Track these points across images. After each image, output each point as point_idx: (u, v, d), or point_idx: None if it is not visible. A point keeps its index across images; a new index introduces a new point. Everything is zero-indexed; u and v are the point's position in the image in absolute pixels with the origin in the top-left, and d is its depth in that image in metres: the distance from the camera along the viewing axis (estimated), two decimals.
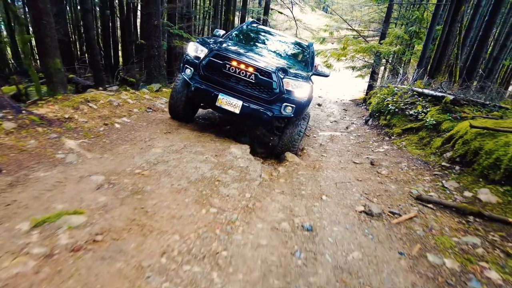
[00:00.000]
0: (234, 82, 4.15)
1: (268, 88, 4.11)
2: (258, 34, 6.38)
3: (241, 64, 4.04)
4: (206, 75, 4.22)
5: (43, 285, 1.49)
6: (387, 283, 1.90)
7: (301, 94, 4.20)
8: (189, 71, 4.33)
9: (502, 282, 1.95)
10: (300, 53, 6.13)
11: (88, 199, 2.33)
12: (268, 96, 4.13)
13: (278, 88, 4.08)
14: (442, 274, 2.03)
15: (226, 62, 4.07)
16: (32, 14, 4.42)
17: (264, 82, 4.08)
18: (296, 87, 4.17)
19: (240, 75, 4.09)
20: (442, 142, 4.90)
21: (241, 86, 4.15)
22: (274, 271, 1.90)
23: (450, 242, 2.39)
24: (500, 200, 2.95)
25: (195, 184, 2.83)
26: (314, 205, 2.91)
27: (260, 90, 4.15)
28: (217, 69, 4.15)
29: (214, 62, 4.13)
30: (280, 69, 4.17)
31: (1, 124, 3.13)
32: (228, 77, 4.15)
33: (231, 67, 4.07)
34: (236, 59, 4.08)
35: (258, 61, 4.23)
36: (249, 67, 4.04)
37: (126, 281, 1.62)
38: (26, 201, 2.22)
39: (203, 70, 4.21)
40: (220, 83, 4.18)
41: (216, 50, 4.18)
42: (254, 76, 4.05)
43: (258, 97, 4.15)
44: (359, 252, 2.20)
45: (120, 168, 2.96)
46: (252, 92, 4.14)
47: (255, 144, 5.08)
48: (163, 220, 2.19)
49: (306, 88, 4.24)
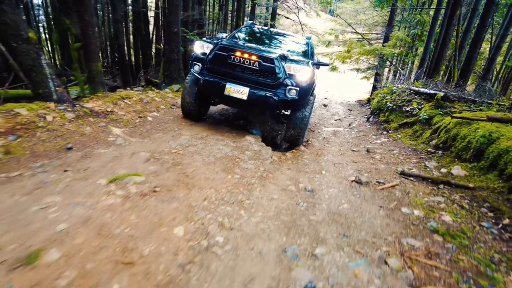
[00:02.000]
0: (240, 71, 4.42)
1: (271, 73, 4.36)
2: (258, 33, 6.70)
3: (245, 54, 4.32)
4: (213, 68, 4.51)
5: (129, 211, 2.23)
6: (367, 222, 2.60)
7: (303, 77, 4.42)
8: (197, 67, 4.62)
9: (452, 222, 2.63)
10: (299, 45, 6.37)
11: (141, 168, 3.08)
12: (272, 81, 4.37)
13: (280, 72, 4.33)
14: (410, 219, 2.72)
15: (231, 53, 4.36)
16: (80, 26, 5.27)
17: (268, 68, 4.33)
18: (298, 71, 4.41)
19: (244, 64, 4.35)
20: (430, 133, 5.56)
21: (246, 74, 4.41)
22: (284, 212, 2.62)
23: (421, 201, 3.08)
24: (467, 173, 3.62)
25: (221, 160, 3.57)
26: (315, 177, 3.63)
27: (264, 76, 4.39)
28: (223, 60, 4.43)
29: (220, 55, 4.43)
30: (281, 55, 4.48)
31: (65, 114, 3.92)
32: (233, 67, 4.43)
33: (235, 57, 4.35)
34: (240, 49, 4.39)
35: (260, 50, 4.61)
36: (252, 56, 4.32)
37: (182, 213, 2.35)
38: (97, 168, 2.98)
39: (210, 63, 4.51)
40: (227, 73, 4.46)
41: (221, 44, 4.53)
42: (257, 64, 4.31)
43: (263, 83, 4.39)
44: (348, 204, 2.91)
45: (160, 149, 3.71)
46: (257, 78, 4.40)
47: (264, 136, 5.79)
48: (200, 180, 2.93)
49: (307, 71, 4.45)
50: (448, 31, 9.78)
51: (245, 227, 2.30)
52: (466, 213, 2.79)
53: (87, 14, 5.00)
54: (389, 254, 2.14)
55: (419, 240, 2.36)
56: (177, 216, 2.26)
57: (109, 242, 1.84)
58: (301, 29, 19.16)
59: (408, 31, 18.08)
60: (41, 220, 1.93)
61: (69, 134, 3.68)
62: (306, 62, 4.68)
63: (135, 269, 1.69)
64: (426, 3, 17.88)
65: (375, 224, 2.59)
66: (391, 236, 2.40)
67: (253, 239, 2.16)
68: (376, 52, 16.74)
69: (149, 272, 1.69)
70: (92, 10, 5.11)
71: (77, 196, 2.31)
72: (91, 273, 1.60)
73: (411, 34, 17.48)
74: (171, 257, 1.83)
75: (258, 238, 2.18)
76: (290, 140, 4.97)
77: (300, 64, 4.49)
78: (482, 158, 3.64)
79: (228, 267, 1.84)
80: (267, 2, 18.23)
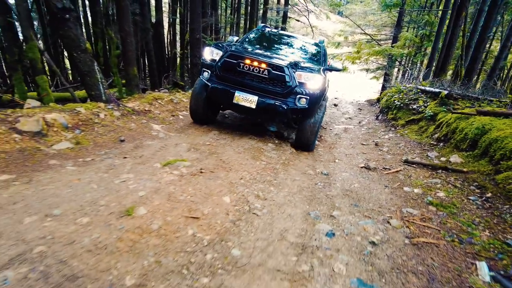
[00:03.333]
0: (249, 79, 4.34)
1: (281, 82, 4.27)
2: (269, 36, 6.53)
3: (254, 62, 4.24)
4: (222, 75, 4.44)
5: (186, 185, 2.85)
6: (374, 197, 3.17)
7: (314, 85, 4.34)
8: (206, 73, 4.58)
9: (445, 197, 3.18)
10: (311, 50, 6.20)
11: (185, 155, 3.71)
12: (282, 90, 4.28)
13: (290, 81, 4.24)
14: (410, 195, 3.28)
15: (240, 61, 4.28)
16: (121, 35, 5.98)
17: (277, 77, 4.24)
18: (308, 79, 4.33)
19: (254, 72, 4.27)
20: (434, 128, 6.07)
21: (255, 83, 4.33)
22: (305, 189, 3.22)
23: (420, 182, 3.63)
24: (463, 160, 4.15)
25: (248, 150, 4.19)
26: (329, 164, 4.21)
27: (274, 85, 4.31)
28: (232, 68, 4.35)
29: (229, 62, 4.36)
30: (291, 63, 4.37)
31: (113, 113, 4.60)
32: (243, 75, 4.35)
33: (245, 65, 4.27)
34: (249, 57, 4.30)
35: (270, 57, 4.47)
36: (262, 64, 4.23)
37: (226, 188, 2.96)
38: (149, 155, 3.62)
39: (220, 70, 4.44)
40: (236, 81, 4.38)
41: (230, 51, 4.42)
42: (267, 72, 4.23)
43: (273, 91, 4.31)
44: (358, 184, 3.48)
45: (196, 141, 4.35)
46: (267, 87, 4.32)
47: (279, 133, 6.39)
48: (235, 165, 3.55)
49: (318, 79, 4.37)
50: (455, 32, 10.18)
51: (275, 198, 2.91)
52: (458, 191, 3.34)
53: (126, 25, 5.70)
54: (391, 218, 2.71)
55: (416, 209, 2.93)
56: (223, 189, 2.88)
57: (177, 205, 2.47)
58: (311, 31, 19.70)
59: (417, 31, 18.44)
60: (125, 189, 2.58)
61: (119, 129, 4.35)
62: (317, 69, 4.59)
63: (200, 221, 2.31)
64: (435, 3, 18.24)
65: (380, 199, 3.16)
66: (393, 207, 2.97)
67: (283, 206, 2.76)
68: (385, 53, 17.18)
69: (211, 224, 2.30)
70: (130, 22, 5.80)
71: (143, 175, 2.95)
72: (171, 222, 2.22)
73: (420, 35, 17.83)
74: (224, 216, 2.45)
75: (286, 206, 2.78)
76: (300, 145, 4.89)
77: (311, 72, 4.42)
78: (476, 147, 4.16)
79: (267, 223, 2.44)
80: (278, 6, 18.84)
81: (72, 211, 2.10)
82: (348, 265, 1.98)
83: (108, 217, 2.12)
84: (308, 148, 4.85)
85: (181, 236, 2.09)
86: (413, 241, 2.36)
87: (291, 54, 5.77)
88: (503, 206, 2.86)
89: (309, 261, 1.97)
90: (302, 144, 4.82)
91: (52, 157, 3.10)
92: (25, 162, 2.88)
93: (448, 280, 1.94)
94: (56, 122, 3.71)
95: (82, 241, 1.82)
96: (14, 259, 1.60)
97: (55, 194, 2.30)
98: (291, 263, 1.95)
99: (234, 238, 2.17)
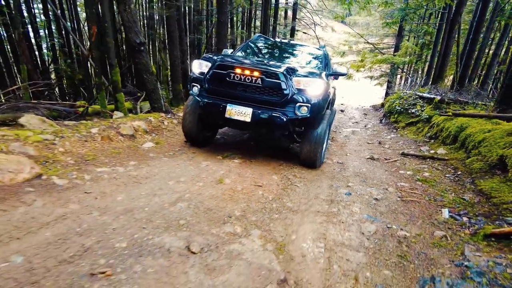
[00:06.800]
0: (242, 90, 4.00)
1: (277, 90, 3.91)
2: (266, 45, 6.28)
3: (246, 70, 3.91)
4: (212, 89, 4.14)
5: (246, 168, 4.12)
6: (377, 177, 4.41)
7: (314, 91, 4.00)
8: (196, 88, 4.24)
9: (429, 176, 4.40)
10: (312, 55, 5.93)
11: (237, 151, 4.99)
12: (279, 99, 3.93)
13: (288, 88, 3.88)
14: (404, 176, 4.51)
15: (230, 71, 3.95)
16: (169, 56, 7.37)
17: (272, 84, 3.89)
18: (308, 85, 3.99)
19: (246, 82, 3.92)
20: (428, 128, 7.29)
21: (249, 93, 3.99)
22: (327, 172, 4.48)
23: (412, 167, 4.86)
24: (447, 152, 5.37)
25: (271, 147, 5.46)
26: (342, 156, 5.48)
27: (270, 94, 3.95)
28: (222, 80, 4.03)
29: (218, 73, 4.03)
30: (288, 69, 4.02)
31: (173, 121, 5.93)
32: (234, 86, 4.02)
33: (235, 75, 3.93)
34: (240, 66, 3.98)
35: (263, 65, 4.13)
36: (254, 72, 3.87)
37: (272, 171, 4.22)
38: (209, 151, 4.91)
39: (209, 84, 4.13)
40: (228, 93, 4.07)
41: (219, 61, 4.10)
42: (260, 80, 3.87)
43: (269, 101, 3.97)
44: (365, 169, 4.73)
45: (236, 139, 5.63)
46: (261, 97, 3.97)
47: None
48: (267, 157, 4.82)
49: (319, 84, 4.04)
50: (449, 43, 11.41)
51: (307, 177, 4.17)
52: (439, 172, 4.57)
53: (175, 50, 7.08)
54: (389, 187, 3.95)
55: (407, 183, 4.16)
56: (270, 171, 4.16)
57: (246, 179, 3.74)
58: (318, 42, 21.09)
59: (417, 40, 19.71)
60: (211, 170, 3.87)
61: (180, 132, 5.66)
62: (318, 74, 4.27)
63: (263, 188, 3.57)
64: (433, 14, 19.52)
65: (382, 178, 4.40)
66: (391, 182, 4.21)
67: (313, 181, 4.02)
68: (387, 61, 18.46)
69: (270, 189, 3.56)
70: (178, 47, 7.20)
71: (215, 162, 4.23)
72: (246, 187, 3.49)
73: (420, 43, 19.09)
74: (276, 186, 3.71)
75: (316, 181, 4.04)
76: (304, 161, 4.49)
77: (310, 77, 4.09)
78: (456, 141, 5.38)
79: (304, 190, 3.69)
80: (286, 21, 20.29)
81: (189, 180, 3.40)
82: (360, 208, 3.23)
83: (211, 183, 3.41)
84: (314, 164, 4.44)
85: (255, 194, 3.36)
86: (403, 199, 3.60)
87: (290, 60, 5.58)
88: (466, 179, 4.09)
89: (336, 207, 3.23)
90: (306, 159, 4.43)
91: (148, 152, 4.42)
92: (135, 155, 4.19)
93: (422, 218, 3.17)
94: (140, 128, 5.04)
95: (205, 193, 3.10)
96: (178, 199, 2.88)
97: (172, 172, 3.61)
98: (325, 208, 3.21)
99: (286, 197, 3.43)
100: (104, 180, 3.10)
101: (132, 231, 2.20)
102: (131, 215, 2.43)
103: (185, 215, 2.59)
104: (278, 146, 5.54)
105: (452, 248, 2.55)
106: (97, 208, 2.48)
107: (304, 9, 19.62)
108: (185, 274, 1.83)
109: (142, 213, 2.49)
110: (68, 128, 4.19)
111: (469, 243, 2.60)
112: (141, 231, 2.21)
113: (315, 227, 2.75)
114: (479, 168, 4.09)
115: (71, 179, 2.98)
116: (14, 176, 2.55)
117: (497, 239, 2.57)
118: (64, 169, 3.20)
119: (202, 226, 2.47)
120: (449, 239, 2.70)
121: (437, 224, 3.00)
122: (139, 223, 2.32)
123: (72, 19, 11.15)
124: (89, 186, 2.90)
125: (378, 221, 2.98)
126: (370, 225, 2.86)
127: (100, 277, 1.69)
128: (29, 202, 2.36)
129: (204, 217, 2.64)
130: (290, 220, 2.86)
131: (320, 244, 2.47)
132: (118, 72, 5.50)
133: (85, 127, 4.35)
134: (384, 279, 2.13)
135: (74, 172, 3.16)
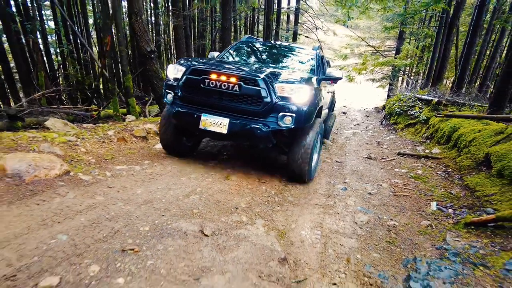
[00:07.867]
0: (217, 98, 3.65)
1: (256, 97, 3.53)
2: (254, 47, 5.84)
3: (221, 76, 3.54)
4: (186, 96, 3.81)
5: (245, 167, 4.46)
6: (373, 174, 4.72)
7: (300, 99, 3.61)
8: (170, 95, 3.91)
9: (422, 173, 4.70)
10: (303, 58, 5.51)
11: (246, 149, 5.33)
12: (258, 108, 3.54)
13: (268, 96, 3.49)
14: (398, 173, 4.81)
15: (205, 77, 3.60)
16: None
17: (251, 91, 3.50)
18: (293, 92, 3.58)
19: (222, 89, 3.56)
20: (425, 129, 7.58)
21: (226, 101, 3.63)
22: (326, 170, 4.80)
23: (407, 166, 5.16)
24: (440, 151, 5.66)
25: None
26: (341, 156, 5.79)
27: (248, 102, 3.58)
28: (196, 86, 3.68)
29: (192, 80, 3.69)
30: (270, 74, 3.65)
31: None
32: (209, 94, 3.67)
33: (210, 81, 3.57)
34: (215, 71, 3.59)
35: (242, 70, 3.73)
36: (230, 78, 3.51)
37: (274, 169, 4.55)
38: (215, 149, 5.25)
39: (182, 90, 3.80)
40: (202, 102, 3.74)
41: (193, 66, 3.74)
42: (238, 87, 3.51)
43: (248, 110, 3.59)
44: (362, 167, 5.05)
45: None
46: (239, 106, 3.60)
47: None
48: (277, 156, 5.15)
49: (306, 91, 3.62)
50: (447, 46, 11.69)
51: None
52: (431, 170, 4.86)
53: (182, 56, 7.48)
54: (383, 183, 4.26)
55: (401, 180, 4.47)
56: (273, 170, 4.49)
57: (250, 175, 4.08)
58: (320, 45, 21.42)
59: (417, 43, 19.98)
60: (214, 169, 4.20)
61: None
62: (305, 79, 3.82)
63: (266, 184, 3.90)
64: (433, 17, 19.79)
65: (377, 175, 4.71)
66: (385, 179, 4.52)
67: (313, 178, 4.34)
68: (388, 64, 18.76)
69: (272, 185, 3.89)
70: (185, 53, 7.55)
71: (222, 162, 4.57)
72: (251, 183, 3.82)
73: (420, 46, 19.37)
74: (278, 182, 4.03)
75: (315, 179, 4.36)
76: (291, 175, 4.06)
77: (296, 82, 3.66)
78: (450, 141, 5.68)
79: (304, 186, 4.01)
80: (288, 26, 20.69)
81: (200, 176, 3.75)
82: (355, 201, 3.55)
83: (219, 179, 3.75)
84: (301, 178, 4.00)
85: (259, 189, 3.69)
86: (395, 194, 3.91)
87: (278, 64, 5.25)
88: (455, 176, 4.38)
89: (333, 200, 3.55)
90: (293, 174, 4.00)
91: (160, 152, 4.77)
92: (148, 155, 4.54)
93: (412, 210, 3.47)
94: (151, 130, 5.40)
95: (214, 188, 3.44)
96: (190, 192, 3.22)
97: (184, 169, 3.96)
98: (323, 201, 3.53)
99: (287, 192, 3.76)
100: (123, 177, 3.45)
101: (153, 218, 2.54)
102: (151, 205, 2.77)
103: (198, 205, 2.93)
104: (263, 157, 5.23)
105: (436, 235, 2.86)
106: (121, 199, 2.82)
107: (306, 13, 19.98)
108: (200, 252, 2.16)
109: (160, 204, 2.84)
110: (87, 130, 4.56)
111: (451, 230, 2.91)
112: (160, 218, 2.55)
113: (313, 217, 3.07)
114: (467, 165, 4.38)
115: (94, 176, 3.34)
116: (47, 172, 2.91)
117: (476, 227, 2.88)
118: (87, 166, 3.55)
119: (212, 215, 2.80)
120: (434, 227, 3.01)
121: (425, 215, 3.30)
122: (158, 212, 2.66)
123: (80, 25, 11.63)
124: (111, 182, 3.25)
125: (370, 212, 3.30)
126: (363, 216, 3.18)
127: (130, 252, 2.03)
128: (63, 194, 2.71)
129: (214, 207, 2.97)
130: (290, 211, 3.19)
131: (317, 231, 2.80)
132: (130, 78, 5.88)
133: (102, 130, 4.72)
134: (372, 260, 2.44)
135: (96, 169, 3.52)
